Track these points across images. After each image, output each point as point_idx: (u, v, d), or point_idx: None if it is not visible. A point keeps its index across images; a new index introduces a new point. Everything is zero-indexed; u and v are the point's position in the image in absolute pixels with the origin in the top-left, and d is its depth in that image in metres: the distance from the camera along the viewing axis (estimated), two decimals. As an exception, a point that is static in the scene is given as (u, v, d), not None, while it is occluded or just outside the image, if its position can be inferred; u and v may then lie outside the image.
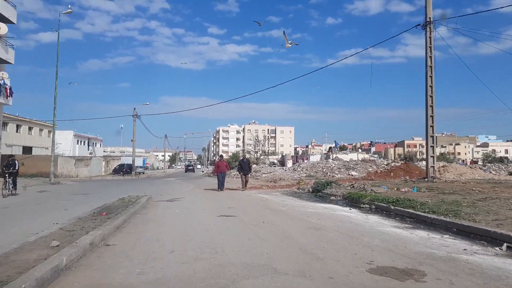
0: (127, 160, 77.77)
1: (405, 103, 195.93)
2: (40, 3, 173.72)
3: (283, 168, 41.80)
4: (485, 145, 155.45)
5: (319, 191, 16.79)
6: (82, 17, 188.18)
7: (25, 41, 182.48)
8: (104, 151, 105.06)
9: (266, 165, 47.69)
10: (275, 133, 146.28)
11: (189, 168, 77.04)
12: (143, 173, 62.16)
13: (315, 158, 49.81)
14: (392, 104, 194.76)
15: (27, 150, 49.04)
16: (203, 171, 67.43)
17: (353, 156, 45.84)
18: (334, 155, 46.04)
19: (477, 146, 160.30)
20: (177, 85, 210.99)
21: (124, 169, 51.56)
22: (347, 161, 34.00)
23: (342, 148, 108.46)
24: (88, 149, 77.14)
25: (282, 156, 66.71)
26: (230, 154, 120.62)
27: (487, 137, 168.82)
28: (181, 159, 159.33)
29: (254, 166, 47.15)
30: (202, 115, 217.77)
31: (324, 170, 31.34)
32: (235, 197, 14.90)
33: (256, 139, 53.71)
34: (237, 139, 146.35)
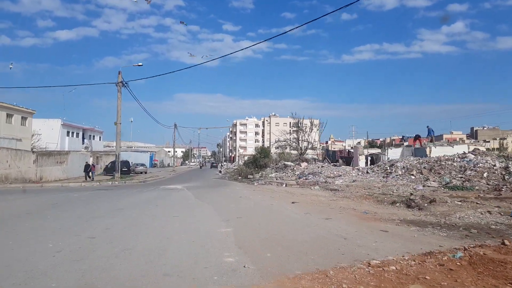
0: (128, 156, 62.97)
1: (419, 99, 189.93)
2: (57, 2, 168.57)
3: (358, 170, 25.97)
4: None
5: None
6: (99, 15, 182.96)
7: (42, 39, 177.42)
8: (108, 146, 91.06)
9: (319, 163, 32.03)
10: (297, 126, 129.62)
11: (213, 165, 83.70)
12: (145, 172, 47.03)
13: (393, 153, 34.06)
14: (407, 100, 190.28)
15: (-15, 141, 34.32)
16: (220, 171, 51.58)
17: (461, 148, 29.82)
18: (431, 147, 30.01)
19: (474, 144, 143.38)
20: (191, 82, 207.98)
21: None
22: (500, 157, 17.94)
23: (377, 143, 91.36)
24: (83, 143, 62.58)
25: (327, 150, 50.64)
26: (252, 149, 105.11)
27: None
28: (195, 155, 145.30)
29: (304, 164, 31.46)
30: (216, 111, 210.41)
31: (487, 176, 15.41)
32: None
33: (299, 126, 37.92)
34: (256, 133, 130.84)
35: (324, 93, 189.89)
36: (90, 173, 28.76)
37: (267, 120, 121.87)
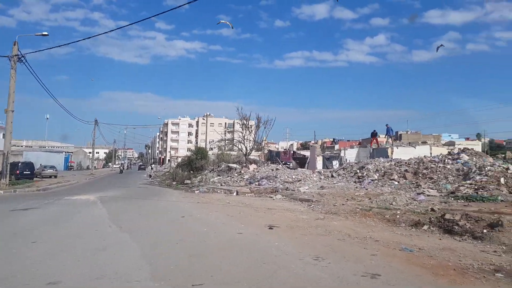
0: (35, 157, 53.08)
1: (346, 104, 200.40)
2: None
3: (319, 174, 21.95)
4: (451, 143, 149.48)
5: None
6: (17, 4, 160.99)
7: None
8: (15, 145, 78.16)
9: (272, 166, 27.47)
10: (233, 127, 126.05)
11: (141, 167, 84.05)
12: (55, 176, 38.72)
13: (349, 154, 30.89)
14: (335, 105, 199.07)
15: None
16: (150, 175, 44.20)
17: (422, 149, 27.46)
18: (393, 147, 27.22)
19: (443, 145, 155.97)
20: (119, 79, 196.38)
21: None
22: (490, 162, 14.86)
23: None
24: (-22, 141, 51.22)
25: (270, 151, 46.57)
26: (184, 150, 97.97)
27: (450, 135, 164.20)
28: (120, 157, 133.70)
29: (253, 166, 26.83)
30: (146, 110, 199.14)
31: (506, 183, 12.00)
32: None
33: (244, 124, 33.20)
34: (189, 133, 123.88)
35: (256, 96, 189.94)
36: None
37: (202, 120, 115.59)
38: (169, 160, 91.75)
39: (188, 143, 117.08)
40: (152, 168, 51.60)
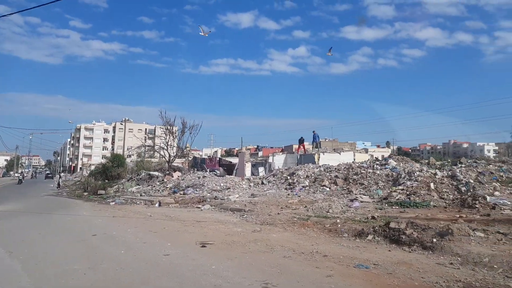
0: None
1: (269, 112, 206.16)
2: None
3: (248, 181, 21.03)
4: (365, 150, 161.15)
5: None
6: None
7: None
8: None
9: (199, 173, 25.89)
10: (154, 133, 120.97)
11: (48, 176, 74.76)
12: None
13: (277, 160, 30.54)
14: (259, 113, 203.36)
15: None
16: (59, 185, 38.77)
17: (347, 155, 28.29)
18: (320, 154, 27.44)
19: (359, 152, 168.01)
20: (27, 80, 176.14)
21: None
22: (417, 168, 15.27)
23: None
24: None
25: (195, 159, 44.76)
26: (98, 157, 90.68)
27: (363, 143, 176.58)
28: (23, 165, 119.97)
29: (177, 174, 25.07)
30: (57, 114, 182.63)
31: (436, 188, 12.07)
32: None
33: (168, 129, 31.16)
34: (105, 139, 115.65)
35: (180, 102, 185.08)
36: None
37: (120, 125, 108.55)
38: (81, 168, 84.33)
39: (103, 150, 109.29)
40: (60, 177, 46.30)
